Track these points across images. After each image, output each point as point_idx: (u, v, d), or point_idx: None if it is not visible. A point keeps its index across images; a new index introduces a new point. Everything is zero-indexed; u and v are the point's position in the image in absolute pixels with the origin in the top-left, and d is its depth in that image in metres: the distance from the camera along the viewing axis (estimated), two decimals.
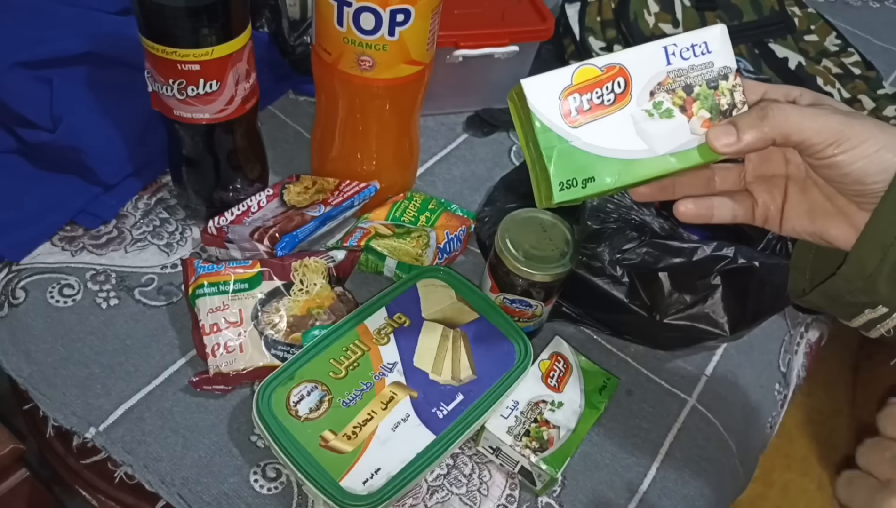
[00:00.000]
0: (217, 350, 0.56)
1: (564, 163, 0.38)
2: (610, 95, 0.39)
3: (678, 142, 0.39)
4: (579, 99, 0.39)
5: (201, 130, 0.60)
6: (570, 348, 0.61)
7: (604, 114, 0.39)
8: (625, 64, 0.39)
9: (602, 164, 0.39)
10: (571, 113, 0.38)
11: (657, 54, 0.39)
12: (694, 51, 0.40)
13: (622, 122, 0.39)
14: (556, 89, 0.39)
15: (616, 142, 0.39)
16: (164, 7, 0.51)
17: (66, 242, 0.66)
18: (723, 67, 0.40)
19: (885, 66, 1.03)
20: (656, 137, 0.39)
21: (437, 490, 0.56)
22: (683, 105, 0.39)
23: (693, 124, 0.39)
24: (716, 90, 0.40)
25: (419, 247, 0.65)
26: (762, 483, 0.81)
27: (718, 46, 0.40)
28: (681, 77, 0.40)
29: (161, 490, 0.53)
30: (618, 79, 0.39)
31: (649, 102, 0.39)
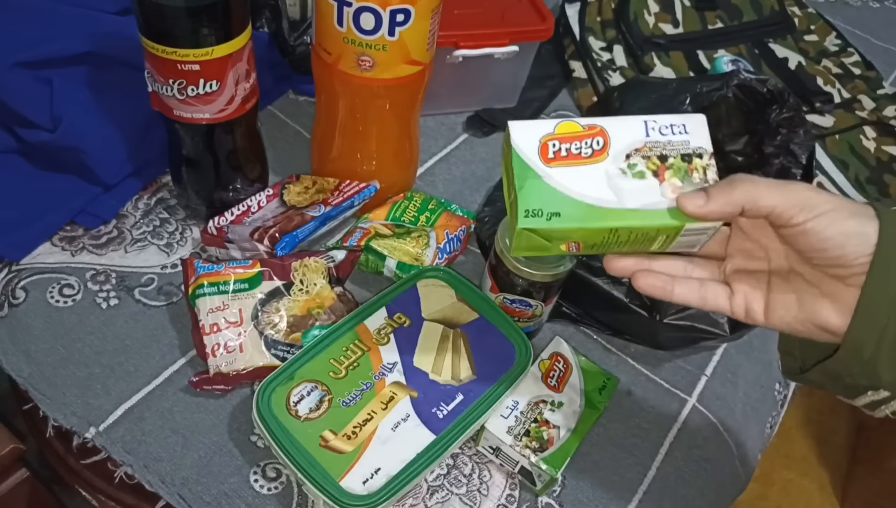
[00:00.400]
0: (217, 350, 0.56)
1: (533, 194, 0.40)
2: (588, 150, 0.41)
3: (647, 200, 0.41)
4: (558, 145, 0.41)
5: (201, 130, 0.60)
6: (570, 348, 0.61)
7: (579, 163, 0.41)
8: (606, 127, 0.42)
9: (569, 204, 0.41)
10: (549, 154, 0.41)
11: (637, 126, 0.42)
12: (672, 129, 0.42)
13: (595, 174, 0.41)
14: (539, 134, 0.41)
15: (586, 189, 0.41)
16: (164, 7, 0.51)
17: (66, 242, 0.66)
18: (698, 147, 0.42)
19: (885, 66, 1.03)
20: (626, 192, 0.41)
21: (437, 490, 0.56)
22: (657, 170, 0.41)
23: (664, 188, 0.41)
24: (689, 164, 0.41)
25: (419, 247, 0.65)
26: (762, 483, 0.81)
27: (696, 129, 0.42)
28: (657, 147, 0.42)
29: (161, 490, 0.53)
30: (597, 137, 0.41)
31: (624, 163, 0.41)
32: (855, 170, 0.84)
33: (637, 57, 0.91)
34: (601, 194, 0.41)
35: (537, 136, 0.41)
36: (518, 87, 0.85)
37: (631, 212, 0.40)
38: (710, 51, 0.96)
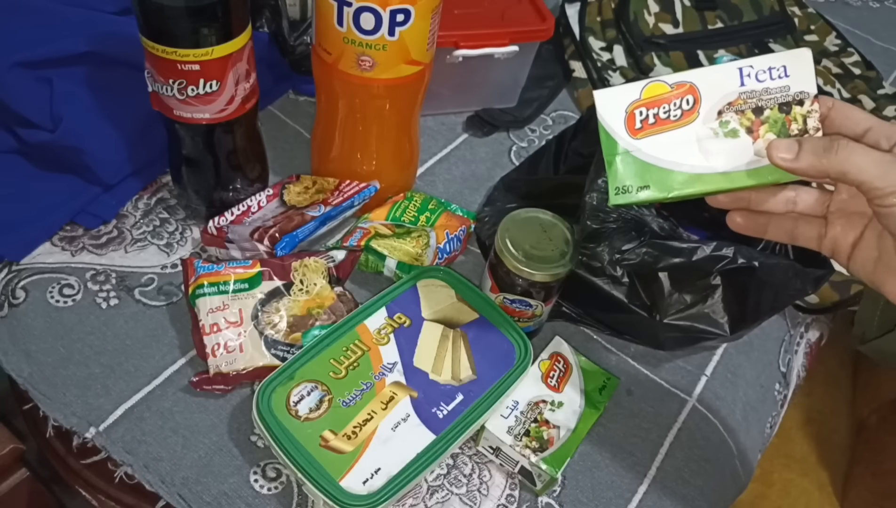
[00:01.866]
0: (217, 350, 0.56)
1: (622, 171, 0.40)
2: (677, 111, 0.39)
3: (739, 161, 0.39)
4: (645, 112, 0.40)
5: (201, 130, 0.60)
6: (570, 348, 0.61)
7: (668, 128, 0.40)
8: (696, 82, 0.40)
9: (658, 174, 0.40)
10: (636, 124, 0.40)
11: (731, 74, 0.39)
12: (770, 74, 0.39)
13: (685, 138, 0.40)
14: (624, 102, 0.40)
15: (675, 156, 0.40)
16: (164, 7, 0.51)
17: (66, 242, 0.66)
18: (799, 92, 0.39)
19: (885, 66, 1.03)
20: (717, 155, 0.39)
21: (437, 490, 0.56)
22: (751, 127, 0.39)
23: (758, 146, 0.39)
24: (787, 115, 0.39)
25: (419, 247, 0.65)
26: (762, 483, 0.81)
27: (799, 70, 0.39)
28: (752, 98, 0.39)
29: (161, 490, 0.53)
30: (687, 96, 0.39)
31: (716, 121, 0.40)
32: None
33: (637, 57, 0.91)
34: (690, 160, 0.39)
35: (623, 105, 0.40)
36: (518, 87, 0.85)
37: (722, 175, 0.39)
38: (710, 51, 0.96)
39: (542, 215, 0.61)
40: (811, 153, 0.37)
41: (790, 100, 0.39)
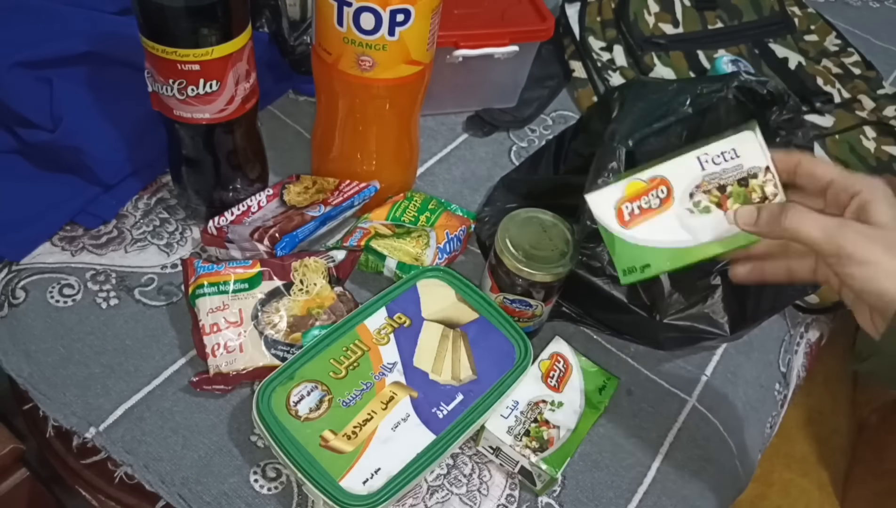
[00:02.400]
0: (217, 350, 0.56)
1: (623, 256, 0.47)
2: (655, 200, 0.46)
3: (718, 231, 0.46)
4: (630, 206, 0.47)
5: (201, 130, 0.60)
6: (571, 348, 0.61)
7: (652, 215, 0.46)
8: (665, 175, 0.46)
9: (655, 254, 0.47)
10: (625, 217, 0.47)
11: (693, 164, 0.46)
12: (724, 156, 0.46)
13: (668, 220, 0.46)
14: (612, 201, 0.47)
15: (665, 235, 0.46)
16: (164, 7, 0.51)
17: (66, 242, 0.66)
18: (752, 167, 0.45)
19: (885, 66, 1.03)
20: (699, 229, 0.46)
21: (437, 490, 0.56)
22: (719, 202, 0.46)
23: (729, 216, 0.45)
24: (747, 187, 0.45)
25: (419, 246, 0.65)
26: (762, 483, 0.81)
27: (746, 149, 0.45)
28: (714, 179, 0.46)
29: (161, 490, 0.53)
30: (661, 187, 0.46)
31: (690, 203, 0.46)
32: (855, 170, 0.84)
33: (637, 57, 0.91)
34: (678, 236, 0.46)
35: (612, 204, 0.47)
36: (518, 87, 0.85)
37: (707, 245, 0.46)
38: (710, 51, 0.96)
39: (542, 215, 0.61)
40: (766, 221, 0.43)
41: (745, 175, 0.45)
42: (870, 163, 0.85)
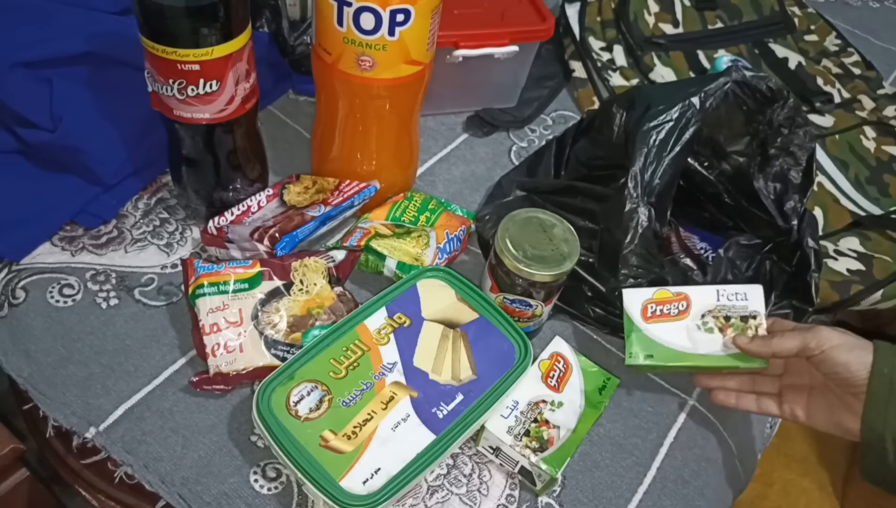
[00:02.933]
0: (217, 350, 0.56)
1: (636, 342, 0.58)
2: (675, 310, 0.59)
3: (713, 348, 0.58)
4: (654, 307, 0.59)
5: (201, 130, 0.60)
6: (570, 348, 0.61)
7: (669, 320, 0.59)
8: (689, 293, 0.59)
9: (660, 348, 0.58)
10: (648, 314, 0.59)
11: (712, 293, 0.59)
12: (736, 296, 0.59)
13: (680, 328, 0.59)
14: (642, 298, 0.59)
15: (672, 338, 0.58)
16: (164, 7, 0.51)
17: (66, 242, 0.66)
18: (753, 311, 0.58)
19: (885, 66, 1.03)
20: (700, 342, 0.58)
21: (437, 490, 0.56)
22: (722, 327, 0.58)
23: (725, 340, 0.58)
24: (745, 324, 0.58)
25: (419, 246, 0.65)
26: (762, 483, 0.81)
27: (754, 296, 0.59)
28: (724, 310, 0.59)
29: (161, 490, 0.53)
30: (682, 301, 0.59)
31: (700, 320, 0.59)
32: (855, 170, 0.84)
33: (637, 57, 0.91)
34: (682, 342, 0.58)
35: (641, 300, 0.59)
36: (518, 87, 0.85)
37: (702, 356, 0.58)
38: (710, 51, 0.96)
39: (542, 215, 0.61)
40: (758, 345, 0.57)
41: (747, 315, 0.58)
42: (870, 163, 0.85)
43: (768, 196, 0.67)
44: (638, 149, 0.61)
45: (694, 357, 0.58)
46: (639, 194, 0.61)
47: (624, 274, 0.61)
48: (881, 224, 0.77)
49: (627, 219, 0.61)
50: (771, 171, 0.67)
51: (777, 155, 0.67)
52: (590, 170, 0.70)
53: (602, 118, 0.67)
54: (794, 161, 0.66)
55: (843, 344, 0.53)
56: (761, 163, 0.67)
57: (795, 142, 0.66)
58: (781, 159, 0.66)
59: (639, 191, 0.61)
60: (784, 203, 0.67)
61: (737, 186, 0.68)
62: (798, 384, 0.57)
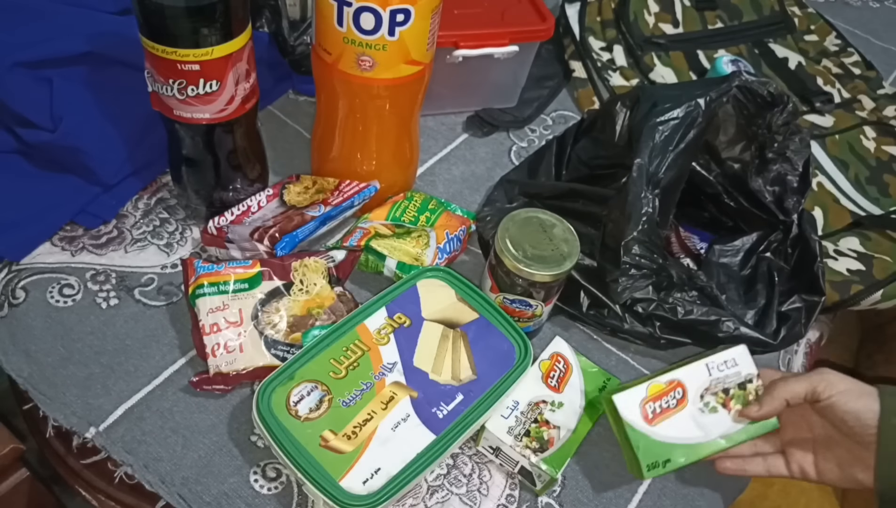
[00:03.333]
0: (217, 350, 0.56)
1: (648, 452, 0.54)
2: (673, 401, 0.55)
3: (723, 428, 0.55)
4: (653, 406, 0.54)
5: (201, 130, 0.60)
6: (571, 348, 0.61)
7: (671, 414, 0.55)
8: (681, 378, 0.55)
9: (674, 449, 0.54)
10: (649, 415, 0.54)
11: (702, 370, 0.56)
12: (726, 365, 0.56)
13: (685, 418, 0.55)
14: (637, 400, 0.54)
15: (682, 433, 0.54)
16: (164, 7, 0.51)
17: (66, 242, 0.66)
18: (748, 374, 0.56)
19: (885, 66, 1.03)
20: (709, 426, 0.55)
21: (437, 490, 0.56)
22: (724, 402, 0.55)
23: (732, 415, 0.55)
24: (745, 391, 0.55)
25: (419, 246, 0.65)
26: (762, 483, 0.81)
27: (742, 359, 0.56)
28: (720, 384, 0.56)
29: (161, 490, 0.53)
30: (677, 389, 0.55)
31: (701, 403, 0.55)
32: (855, 170, 0.84)
33: (637, 57, 0.91)
34: (692, 433, 0.54)
35: (637, 402, 0.54)
36: (518, 87, 0.85)
37: (716, 441, 0.55)
38: (710, 51, 0.96)
39: (542, 215, 0.61)
40: (766, 405, 0.54)
41: (743, 380, 0.56)
42: (870, 163, 0.85)
43: (766, 197, 0.67)
44: (644, 142, 0.61)
45: (711, 445, 0.55)
46: (643, 182, 0.60)
47: (626, 262, 0.61)
48: (881, 224, 0.77)
49: (631, 207, 0.60)
50: (769, 175, 0.67)
51: (775, 159, 0.67)
52: (591, 169, 0.70)
53: (604, 117, 0.68)
54: (790, 166, 0.66)
55: (850, 389, 0.52)
56: (759, 167, 0.67)
57: (791, 148, 0.66)
58: (779, 164, 0.67)
59: (643, 179, 0.60)
60: (783, 202, 0.67)
61: (736, 187, 0.69)
62: (800, 438, 0.56)
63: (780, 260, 0.67)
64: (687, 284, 0.63)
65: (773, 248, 0.68)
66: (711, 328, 0.61)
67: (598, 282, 0.63)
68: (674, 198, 0.64)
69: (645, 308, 0.61)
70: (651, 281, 0.61)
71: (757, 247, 0.69)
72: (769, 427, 0.55)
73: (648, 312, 0.61)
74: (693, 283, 0.64)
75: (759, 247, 0.69)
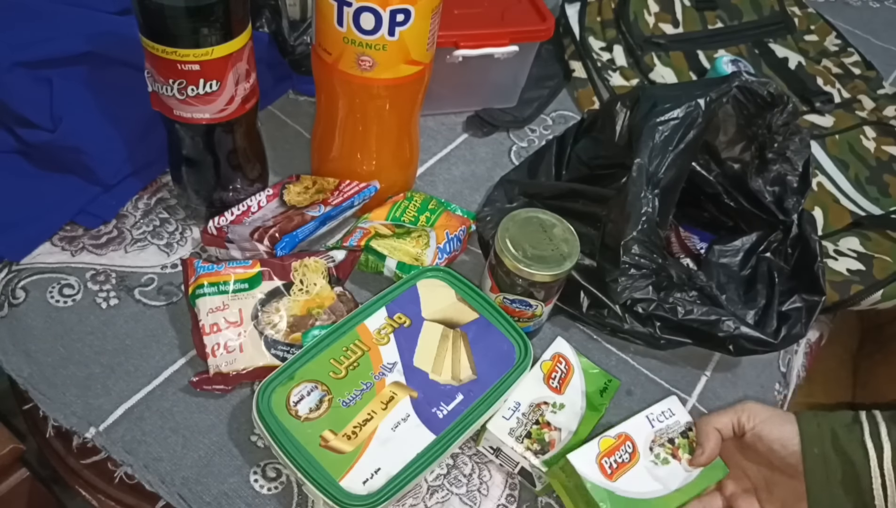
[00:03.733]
0: (217, 350, 0.56)
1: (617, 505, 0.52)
2: (626, 455, 0.54)
3: (679, 479, 0.55)
4: (609, 461, 0.54)
5: (201, 130, 0.60)
6: (572, 349, 0.61)
7: (628, 468, 0.54)
8: (628, 431, 0.55)
9: (639, 504, 0.53)
10: (608, 471, 0.53)
11: (644, 423, 0.56)
12: (664, 415, 0.57)
13: (641, 472, 0.54)
14: (592, 457, 0.53)
15: (642, 487, 0.54)
16: (164, 7, 0.51)
17: (66, 242, 0.66)
18: (686, 422, 0.57)
19: (885, 66, 1.03)
20: (666, 478, 0.55)
21: (437, 490, 0.56)
22: (673, 452, 0.56)
23: (683, 465, 0.55)
24: (687, 438, 0.56)
25: (419, 246, 0.65)
26: None
27: (677, 409, 0.58)
28: (664, 434, 0.56)
29: (161, 490, 0.53)
30: (626, 443, 0.55)
31: (652, 455, 0.55)
32: (855, 170, 0.84)
33: (637, 57, 0.91)
34: (652, 487, 0.54)
35: (593, 459, 0.53)
36: (518, 87, 0.85)
37: (676, 493, 0.54)
38: (710, 51, 0.96)
39: (542, 215, 0.61)
40: (704, 443, 0.55)
41: (684, 428, 0.57)
42: (870, 163, 0.85)
43: (766, 197, 0.67)
44: (644, 142, 0.61)
45: (674, 497, 0.54)
46: (643, 182, 0.60)
47: (625, 262, 0.61)
48: (881, 224, 0.77)
49: (631, 207, 0.60)
50: (769, 176, 0.67)
51: (775, 159, 0.67)
52: (591, 169, 0.70)
53: (605, 117, 0.68)
54: (791, 166, 0.66)
55: (772, 417, 0.53)
56: (759, 167, 0.67)
57: (791, 148, 0.66)
58: (779, 165, 0.67)
59: (643, 179, 0.60)
60: (783, 202, 0.67)
61: (736, 187, 0.69)
62: (742, 489, 0.56)
63: (781, 261, 0.67)
64: (687, 284, 0.63)
65: (773, 248, 0.68)
66: (712, 328, 0.61)
67: (598, 282, 0.63)
68: (673, 198, 0.64)
69: (645, 308, 0.61)
70: (651, 281, 0.61)
71: (757, 247, 0.69)
72: (720, 472, 0.55)
73: (648, 312, 0.61)
74: (693, 283, 0.64)
75: (759, 247, 0.69)
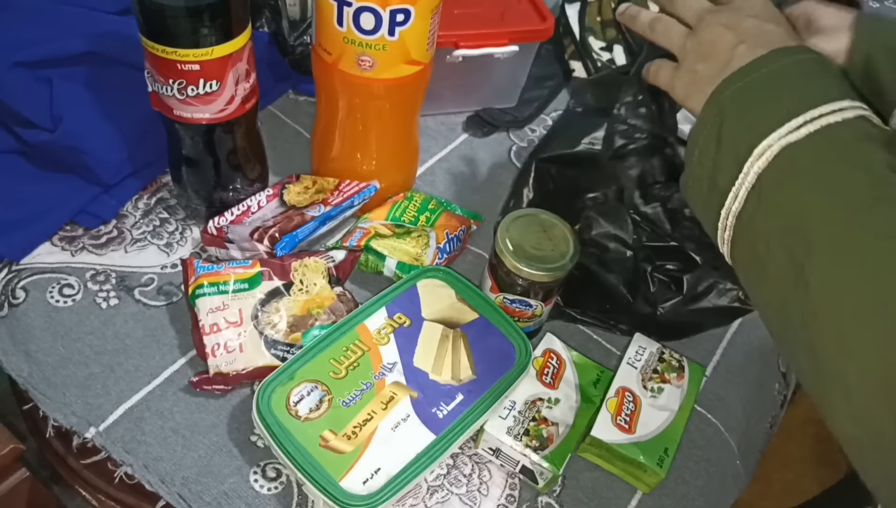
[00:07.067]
0: (217, 350, 0.56)
1: (649, 451, 0.56)
2: (630, 405, 0.58)
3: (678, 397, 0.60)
4: (621, 418, 0.57)
5: (201, 130, 0.60)
6: (562, 343, 0.61)
7: (638, 415, 0.58)
8: (622, 384, 0.59)
9: (663, 437, 0.57)
10: (624, 426, 0.57)
11: (629, 370, 0.60)
12: (640, 353, 0.61)
13: (649, 411, 0.58)
14: (608, 422, 0.57)
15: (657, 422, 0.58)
16: (164, 7, 0.51)
17: (66, 242, 0.66)
18: (657, 349, 0.62)
19: None
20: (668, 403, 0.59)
21: (437, 490, 0.56)
22: (662, 380, 0.60)
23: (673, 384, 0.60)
24: (664, 362, 0.62)
25: (419, 246, 0.65)
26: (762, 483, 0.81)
27: (645, 343, 0.62)
28: (647, 369, 0.61)
29: (161, 490, 0.53)
30: (626, 394, 0.59)
31: (648, 392, 0.59)
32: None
33: (637, 57, 0.91)
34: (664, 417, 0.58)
35: (609, 425, 0.57)
36: (518, 87, 0.85)
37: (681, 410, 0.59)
38: None
39: (542, 215, 0.61)
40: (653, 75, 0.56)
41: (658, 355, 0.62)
42: None
43: None
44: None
45: (681, 413, 0.59)
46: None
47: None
48: None
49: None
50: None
51: None
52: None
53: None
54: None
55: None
56: None
57: None
58: None
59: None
60: None
61: None
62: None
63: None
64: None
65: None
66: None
67: (599, 283, 0.63)
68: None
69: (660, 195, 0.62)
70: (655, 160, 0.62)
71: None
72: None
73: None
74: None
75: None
